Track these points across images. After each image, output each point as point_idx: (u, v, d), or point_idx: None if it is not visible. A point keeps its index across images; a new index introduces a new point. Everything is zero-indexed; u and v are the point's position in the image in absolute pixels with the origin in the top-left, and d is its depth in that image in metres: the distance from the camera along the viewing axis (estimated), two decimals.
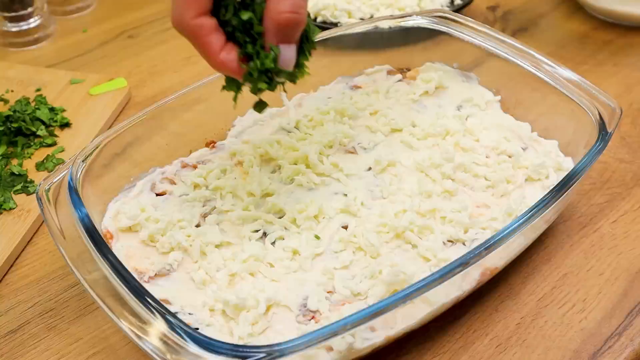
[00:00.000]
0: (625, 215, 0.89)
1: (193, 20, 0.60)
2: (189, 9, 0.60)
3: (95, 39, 1.25)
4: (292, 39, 0.62)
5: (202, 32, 0.61)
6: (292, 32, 0.62)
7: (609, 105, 0.83)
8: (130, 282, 0.64)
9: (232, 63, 0.62)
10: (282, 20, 0.60)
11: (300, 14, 0.60)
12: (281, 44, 0.62)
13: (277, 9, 0.60)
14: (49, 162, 0.95)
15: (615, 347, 0.73)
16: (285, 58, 0.63)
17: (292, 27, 0.61)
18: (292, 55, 0.63)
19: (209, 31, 0.61)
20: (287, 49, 0.62)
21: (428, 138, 0.89)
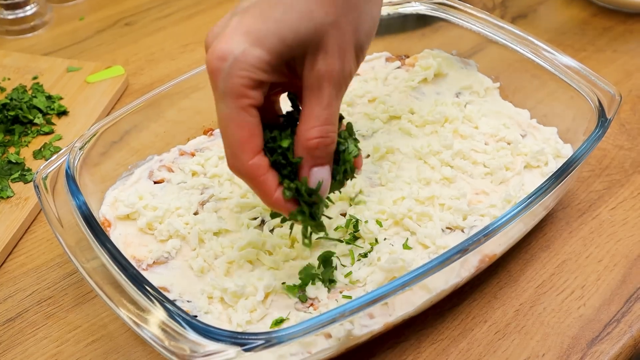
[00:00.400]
0: (624, 202, 0.88)
1: (250, 162, 0.59)
2: (245, 152, 0.59)
3: (92, 26, 1.24)
4: (323, 161, 0.61)
5: (259, 173, 0.60)
6: (322, 154, 0.61)
7: (609, 92, 0.83)
8: (129, 269, 0.64)
9: (287, 206, 0.62)
10: (311, 145, 0.60)
11: (327, 136, 0.60)
12: (314, 167, 0.61)
13: (306, 136, 0.59)
14: (46, 150, 0.94)
15: (614, 333, 0.74)
16: (318, 178, 0.61)
17: (322, 148, 0.60)
18: (326, 176, 0.62)
19: (265, 171, 0.60)
20: (320, 171, 0.61)
21: (427, 125, 0.88)
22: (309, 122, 0.59)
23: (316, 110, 0.59)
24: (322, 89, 0.59)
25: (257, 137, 0.59)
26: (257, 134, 0.59)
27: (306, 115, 0.60)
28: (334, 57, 0.58)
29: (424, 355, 0.72)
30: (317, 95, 0.59)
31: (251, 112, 0.58)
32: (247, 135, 0.58)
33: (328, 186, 0.62)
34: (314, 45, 0.58)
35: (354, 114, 0.91)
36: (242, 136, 0.58)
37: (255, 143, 0.59)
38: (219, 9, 1.28)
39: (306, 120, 0.60)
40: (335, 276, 0.71)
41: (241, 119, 0.58)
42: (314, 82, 0.59)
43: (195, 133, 0.90)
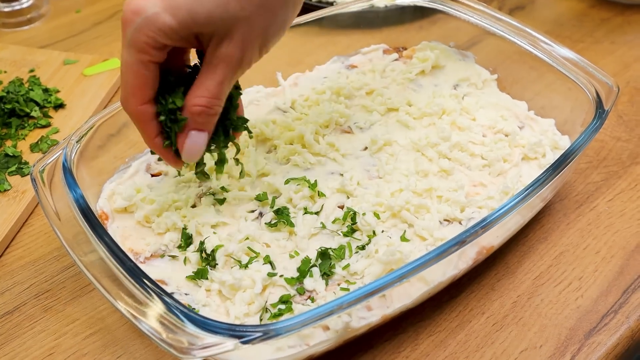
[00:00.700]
0: (621, 194, 0.89)
1: (136, 107, 0.67)
2: (136, 98, 0.66)
3: (89, 19, 1.24)
4: (203, 125, 0.68)
5: (143, 119, 0.67)
6: (202, 120, 0.67)
7: (606, 84, 0.82)
8: (126, 263, 0.64)
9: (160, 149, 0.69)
10: (195, 111, 0.66)
11: (211, 108, 0.67)
12: (192, 131, 0.67)
13: (193, 102, 0.66)
14: (44, 144, 0.94)
15: (611, 324, 0.74)
16: (192, 143, 0.68)
17: (204, 115, 0.67)
18: (200, 140, 0.68)
19: (149, 119, 0.67)
20: (196, 135, 0.68)
21: (424, 117, 0.88)
22: (199, 91, 0.66)
23: (208, 84, 0.66)
24: (217, 68, 0.65)
25: (149, 89, 0.66)
26: (149, 86, 0.66)
27: (198, 85, 0.66)
28: (237, 46, 0.65)
29: (422, 347, 0.72)
30: (213, 72, 0.65)
31: (149, 67, 0.65)
32: (140, 85, 0.65)
33: (201, 149, 0.68)
34: (222, 31, 0.64)
35: (352, 107, 0.91)
36: (135, 84, 0.65)
37: (146, 93, 0.66)
38: None
39: (197, 89, 0.66)
40: (333, 268, 0.71)
41: (138, 70, 0.64)
42: (213, 60, 0.65)
43: None
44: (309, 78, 0.96)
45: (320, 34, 1.00)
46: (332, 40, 1.02)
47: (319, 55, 1.00)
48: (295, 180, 0.79)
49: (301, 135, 0.84)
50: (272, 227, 0.75)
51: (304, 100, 0.91)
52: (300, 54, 0.98)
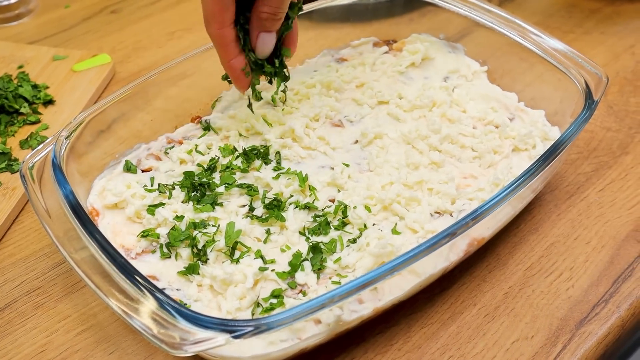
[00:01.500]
0: (612, 184, 0.89)
1: (217, 31, 0.77)
2: (216, 22, 0.76)
3: (78, 14, 1.23)
4: (270, 28, 0.78)
5: (222, 42, 0.77)
6: (269, 24, 0.77)
7: (596, 74, 0.83)
8: (117, 259, 0.64)
9: (236, 69, 0.80)
10: (262, 16, 0.76)
11: (276, 14, 0.77)
12: (261, 32, 0.78)
13: (260, 9, 0.76)
14: (33, 140, 0.94)
15: (602, 314, 0.74)
16: (263, 41, 0.78)
17: (270, 20, 0.77)
18: (269, 40, 0.79)
19: (228, 42, 0.78)
20: (266, 35, 0.78)
21: (414, 110, 0.88)
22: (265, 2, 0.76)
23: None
24: None
25: (227, 12, 0.75)
26: (228, 10, 0.75)
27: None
28: None
29: (414, 339, 0.72)
30: None
31: None
32: (219, 9, 0.75)
33: (271, 46, 0.80)
34: None
35: (342, 100, 0.91)
36: (215, 9, 0.75)
37: (225, 17, 0.76)
38: None
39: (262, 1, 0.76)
40: (324, 262, 0.71)
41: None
42: None
43: (183, 121, 0.90)
44: (299, 71, 0.96)
45: (310, 27, 1.00)
46: (322, 33, 1.02)
47: (309, 48, 1.00)
48: (285, 174, 0.79)
49: (292, 129, 0.84)
50: (262, 222, 0.75)
51: (294, 94, 0.91)
52: None
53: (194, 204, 0.77)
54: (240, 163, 0.81)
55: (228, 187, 0.78)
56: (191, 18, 1.21)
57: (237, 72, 0.80)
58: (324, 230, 0.74)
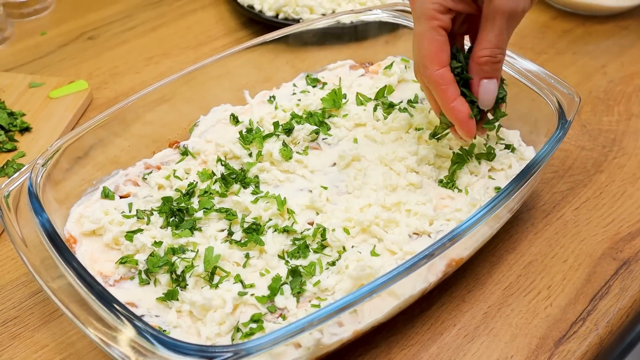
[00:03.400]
0: (587, 202, 0.90)
1: (437, 72, 0.75)
2: (434, 63, 0.74)
3: (55, 41, 1.23)
4: (491, 74, 0.76)
5: (443, 82, 0.75)
6: (490, 69, 0.75)
7: (568, 94, 0.84)
8: (95, 287, 0.64)
9: (462, 112, 0.76)
10: (482, 62, 0.74)
11: (495, 57, 0.74)
12: (483, 79, 0.75)
13: (478, 54, 0.74)
14: (9, 168, 0.93)
15: (580, 332, 0.75)
16: (486, 89, 0.76)
17: (489, 64, 0.75)
18: (491, 87, 0.76)
19: (449, 82, 0.75)
20: (488, 82, 0.76)
21: (391, 132, 0.89)
22: (482, 44, 0.74)
23: (489, 36, 0.73)
24: (495, 20, 0.72)
25: (444, 53, 0.74)
26: (445, 50, 0.74)
27: (480, 40, 0.74)
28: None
29: None
30: (491, 24, 0.72)
31: (440, 32, 0.74)
32: (436, 50, 0.74)
33: (494, 95, 0.77)
34: None
35: (319, 123, 0.91)
36: (432, 50, 0.74)
37: (443, 57, 0.75)
38: (182, 21, 1.27)
39: (479, 43, 0.74)
40: (304, 285, 0.71)
41: (432, 36, 0.74)
42: (490, 13, 0.72)
43: (160, 146, 0.90)
44: (276, 95, 0.96)
45: (287, 50, 1.01)
46: (298, 56, 1.03)
47: (286, 72, 1.01)
48: (264, 198, 0.79)
49: (269, 153, 0.85)
50: (241, 246, 0.75)
51: (271, 118, 0.91)
52: (267, 71, 0.99)
53: (173, 229, 0.77)
54: (218, 187, 0.81)
55: (206, 212, 0.78)
56: (168, 43, 1.22)
57: (463, 115, 0.76)
58: (303, 254, 0.74)
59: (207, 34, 1.24)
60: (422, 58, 0.75)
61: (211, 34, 1.24)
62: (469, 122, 0.76)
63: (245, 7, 1.21)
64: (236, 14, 1.28)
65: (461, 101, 0.76)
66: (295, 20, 1.17)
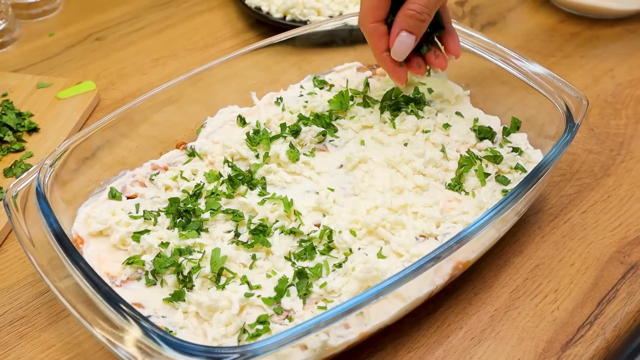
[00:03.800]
0: (594, 206, 0.90)
1: (370, 24, 0.84)
2: (369, 16, 0.83)
3: (62, 42, 1.23)
4: (411, 29, 0.82)
5: (375, 34, 0.84)
6: (412, 23, 0.81)
7: (576, 98, 0.84)
8: (102, 287, 0.64)
9: (389, 61, 0.85)
10: (408, 14, 0.81)
11: (421, 14, 0.81)
12: (403, 31, 0.82)
13: (408, 7, 0.81)
14: (17, 168, 0.93)
15: (587, 336, 0.74)
16: (402, 40, 0.82)
17: (414, 19, 0.81)
18: (408, 41, 0.82)
19: (380, 35, 0.84)
20: (407, 36, 0.82)
21: (398, 134, 0.89)
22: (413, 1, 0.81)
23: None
24: None
25: (381, 10, 0.82)
26: (382, 8, 0.82)
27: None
28: None
29: None
30: None
31: None
32: (374, 6, 0.82)
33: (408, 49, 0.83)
34: None
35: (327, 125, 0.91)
36: (371, 5, 0.82)
37: (379, 13, 0.83)
38: (190, 23, 1.28)
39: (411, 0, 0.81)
40: (310, 287, 0.71)
41: None
42: None
43: (168, 147, 0.90)
44: (284, 97, 0.96)
45: (294, 52, 1.01)
46: (305, 58, 1.03)
47: (293, 74, 1.01)
48: (271, 200, 0.79)
49: (276, 155, 0.85)
50: (248, 247, 0.75)
51: (278, 120, 0.91)
52: (274, 73, 0.99)
53: (180, 230, 0.77)
54: (225, 189, 0.81)
55: (213, 213, 0.78)
56: (175, 45, 1.22)
57: (390, 64, 0.85)
58: (309, 255, 0.74)
59: (215, 35, 1.24)
60: (362, 11, 0.83)
61: (218, 36, 1.24)
62: (398, 70, 0.86)
63: (252, 9, 1.21)
64: (243, 15, 1.29)
65: None
66: (303, 22, 1.17)
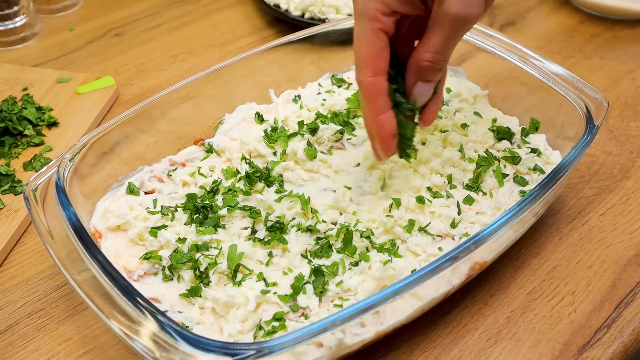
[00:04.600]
0: (613, 208, 0.89)
1: (370, 78, 0.68)
2: (369, 68, 0.68)
3: (82, 37, 1.24)
4: (429, 78, 0.70)
5: (374, 91, 0.69)
6: (429, 74, 0.70)
7: (596, 99, 0.83)
8: (119, 281, 0.64)
9: (386, 128, 0.70)
10: (422, 65, 0.69)
11: (437, 63, 0.69)
12: (419, 81, 0.70)
13: (420, 57, 0.68)
14: (37, 162, 0.94)
15: (605, 339, 0.74)
16: (420, 91, 0.71)
17: (430, 70, 0.69)
18: (427, 91, 0.71)
19: (380, 92, 0.69)
20: (423, 85, 0.70)
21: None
22: (425, 47, 0.68)
23: (434, 40, 0.67)
24: (444, 24, 0.66)
25: (382, 59, 0.68)
26: (383, 57, 0.68)
27: (424, 42, 0.68)
28: (460, 2, 0.64)
29: None
30: (439, 28, 0.66)
31: (380, 35, 0.67)
32: (373, 55, 0.67)
33: (427, 97, 0.72)
34: None
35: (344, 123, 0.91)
36: (369, 54, 0.67)
37: (380, 64, 0.68)
38: (208, 19, 1.28)
39: (423, 45, 0.68)
40: (326, 285, 0.71)
41: (371, 39, 0.67)
42: (439, 17, 0.66)
43: (185, 143, 0.90)
44: (302, 95, 0.96)
45: (312, 50, 1.01)
46: (324, 56, 1.03)
47: (311, 72, 1.01)
48: (288, 197, 0.79)
49: (294, 152, 0.85)
50: (265, 244, 0.75)
51: (296, 117, 0.91)
52: (292, 70, 0.99)
53: (197, 226, 0.77)
54: (242, 185, 0.82)
55: (230, 210, 0.78)
56: (193, 42, 1.22)
57: (387, 131, 0.71)
58: (326, 253, 0.74)
59: (233, 32, 1.25)
60: (357, 62, 0.69)
61: (237, 33, 1.24)
62: (391, 141, 0.72)
63: (271, 6, 1.21)
64: (262, 12, 1.29)
65: (389, 116, 0.70)
66: (321, 20, 1.17)
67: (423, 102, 0.72)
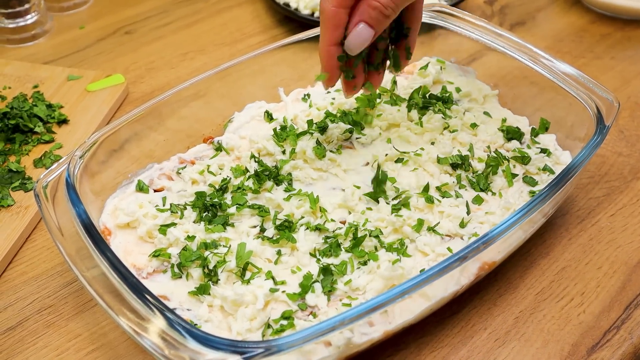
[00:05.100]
0: (623, 209, 0.89)
1: (332, 8, 0.71)
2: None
3: (93, 35, 1.24)
4: (372, 22, 0.72)
5: (333, 21, 0.72)
6: (375, 17, 0.71)
7: (607, 99, 0.83)
8: (129, 278, 0.64)
9: (332, 60, 0.74)
10: (372, 5, 0.71)
11: (386, 8, 0.71)
12: (362, 22, 0.71)
13: None
14: (47, 159, 0.94)
15: (614, 340, 0.74)
16: (360, 34, 0.72)
17: (377, 12, 0.71)
18: (366, 34, 0.72)
19: (337, 24, 0.72)
20: (365, 28, 0.72)
21: (425, 133, 0.88)
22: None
23: None
24: None
25: None
26: None
27: None
28: None
29: None
30: None
31: None
32: None
33: (364, 44, 0.73)
34: None
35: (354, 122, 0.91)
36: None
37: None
38: (218, 18, 1.28)
39: None
40: (335, 284, 0.71)
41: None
42: None
43: (195, 141, 0.90)
44: (311, 94, 0.96)
45: None
46: None
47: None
48: (297, 196, 0.79)
49: (303, 151, 0.85)
50: (273, 243, 0.75)
51: (305, 116, 0.91)
52: (301, 69, 0.99)
53: (206, 224, 0.77)
54: (251, 184, 0.82)
55: (239, 208, 0.79)
56: (203, 40, 1.23)
57: (332, 63, 0.74)
58: (334, 252, 0.74)
59: (243, 31, 1.25)
60: None
61: (246, 31, 1.24)
62: (335, 71, 0.75)
63: (281, 5, 1.21)
64: (272, 11, 1.29)
65: (339, 50, 0.73)
66: None
67: (357, 47, 0.73)
